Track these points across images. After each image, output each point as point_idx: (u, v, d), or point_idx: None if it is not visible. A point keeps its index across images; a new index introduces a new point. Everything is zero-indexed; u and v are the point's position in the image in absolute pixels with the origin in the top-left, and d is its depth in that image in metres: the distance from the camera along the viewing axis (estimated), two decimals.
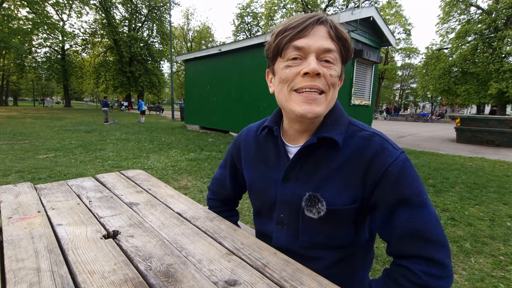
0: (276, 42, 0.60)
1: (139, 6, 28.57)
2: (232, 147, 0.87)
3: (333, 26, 0.59)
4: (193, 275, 0.56)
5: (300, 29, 0.57)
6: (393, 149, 0.61)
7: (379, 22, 7.00)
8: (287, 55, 0.60)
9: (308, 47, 0.58)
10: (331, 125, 0.65)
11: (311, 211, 0.65)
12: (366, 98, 7.73)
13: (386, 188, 0.59)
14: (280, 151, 0.71)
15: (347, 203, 0.63)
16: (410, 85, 46.08)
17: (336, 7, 27.51)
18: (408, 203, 0.58)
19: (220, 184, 0.94)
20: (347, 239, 0.68)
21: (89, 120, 14.13)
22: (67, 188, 1.07)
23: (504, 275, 1.84)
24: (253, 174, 0.78)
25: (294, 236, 0.70)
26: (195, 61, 10.28)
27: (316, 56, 0.58)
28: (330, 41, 0.59)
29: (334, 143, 0.64)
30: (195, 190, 3.41)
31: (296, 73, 0.59)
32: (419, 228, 0.57)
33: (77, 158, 5.06)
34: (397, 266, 0.61)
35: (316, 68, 0.56)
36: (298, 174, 0.67)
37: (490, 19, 18.27)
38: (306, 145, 0.64)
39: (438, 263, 0.56)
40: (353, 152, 0.63)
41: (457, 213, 2.87)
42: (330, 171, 0.64)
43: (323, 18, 0.59)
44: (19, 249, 0.63)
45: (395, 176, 0.58)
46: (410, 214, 0.57)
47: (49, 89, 51.74)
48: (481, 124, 8.43)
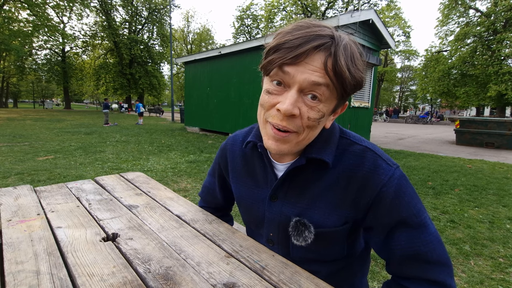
0: (267, 60, 0.51)
1: (139, 8, 28.69)
2: (219, 156, 0.81)
3: (334, 56, 0.47)
4: (191, 277, 0.56)
5: (294, 55, 0.47)
6: (387, 166, 0.56)
7: (379, 24, 7.04)
8: (272, 75, 0.51)
9: (293, 76, 0.48)
10: (320, 143, 0.59)
11: (297, 240, 0.62)
12: (365, 100, 7.75)
13: (381, 211, 0.55)
14: (267, 168, 0.67)
15: (337, 225, 0.59)
16: (410, 87, 46.18)
17: (336, 10, 27.63)
18: (406, 224, 0.54)
19: (210, 193, 0.91)
20: (340, 253, 0.66)
21: (89, 122, 14.14)
22: (67, 191, 1.08)
23: (503, 277, 1.84)
24: (240, 189, 0.75)
25: (286, 253, 0.69)
26: (195, 63, 10.31)
27: (299, 89, 0.49)
28: (323, 75, 0.48)
29: (323, 163, 0.59)
30: (194, 192, 3.41)
31: (273, 104, 0.52)
32: (420, 251, 0.53)
33: (77, 160, 5.06)
34: (399, 285, 0.58)
35: (289, 110, 0.48)
36: (286, 194, 0.64)
37: (489, 21, 18.35)
38: (294, 167, 0.60)
39: (441, 284, 0.54)
40: (343, 170, 0.58)
41: (456, 215, 2.87)
42: (319, 190, 0.60)
43: (325, 46, 0.48)
44: (18, 251, 0.63)
45: (391, 197, 0.54)
46: (409, 236, 0.54)
47: (49, 91, 51.82)
48: (481, 126, 8.44)
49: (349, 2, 26.21)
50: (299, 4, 27.21)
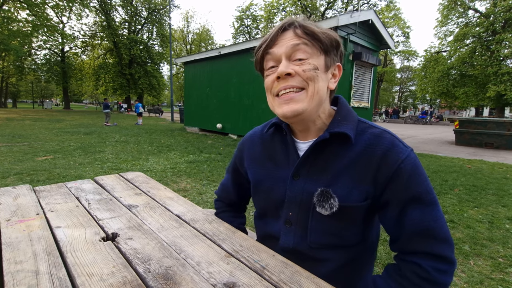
0: (256, 57, 0.66)
1: (139, 8, 28.67)
2: (237, 150, 0.87)
3: (298, 26, 0.61)
4: (191, 277, 0.56)
5: (270, 39, 0.62)
6: (403, 147, 0.62)
7: (378, 25, 7.04)
8: (266, 65, 0.65)
9: (277, 52, 0.61)
10: (342, 121, 0.66)
11: (323, 207, 0.63)
12: (365, 101, 7.76)
13: (398, 186, 0.60)
14: (289, 148, 0.71)
15: (359, 200, 0.62)
16: (409, 88, 46.24)
17: (335, 10, 27.66)
18: (420, 201, 0.59)
19: (224, 189, 0.94)
20: (354, 238, 0.68)
21: (88, 122, 14.12)
22: (66, 190, 1.07)
23: (503, 277, 1.84)
24: (259, 173, 0.76)
25: (302, 236, 0.69)
26: (194, 63, 10.31)
27: (287, 58, 0.61)
28: (296, 38, 0.61)
29: (346, 138, 0.64)
30: (194, 192, 3.41)
31: (273, 79, 0.63)
32: (430, 226, 0.58)
33: (76, 160, 5.05)
34: (406, 262, 0.61)
35: (283, 70, 0.60)
36: (309, 171, 0.66)
37: (488, 22, 18.38)
38: (318, 141, 0.64)
39: (447, 260, 0.58)
40: (364, 148, 0.63)
41: (456, 216, 2.87)
42: (342, 167, 0.63)
43: (288, 23, 0.62)
44: (17, 251, 0.63)
45: (408, 173, 0.59)
46: (422, 212, 0.59)
47: (48, 91, 51.77)
48: (480, 126, 8.45)
49: (349, 3, 26.24)
50: (299, 5, 27.23)
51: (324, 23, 6.23)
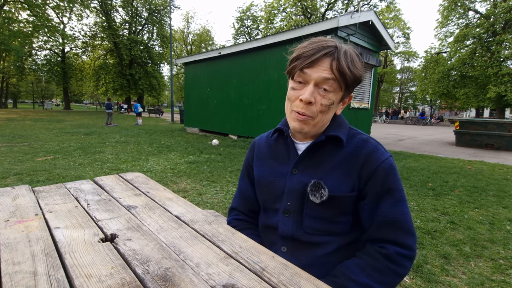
0: (291, 66, 0.72)
1: (139, 9, 28.71)
2: (248, 152, 0.96)
3: (337, 59, 0.68)
4: (190, 279, 0.55)
5: (310, 60, 0.68)
6: (384, 151, 0.74)
7: (378, 26, 7.04)
8: (296, 77, 0.72)
9: (310, 75, 0.69)
10: (336, 126, 0.78)
11: (314, 195, 0.73)
12: (365, 102, 7.75)
13: (376, 181, 0.71)
14: (290, 148, 0.82)
15: (347, 191, 0.73)
16: (409, 89, 46.22)
17: (336, 11, 27.68)
18: (392, 196, 0.71)
19: (243, 196, 0.95)
20: (346, 227, 0.76)
21: (88, 122, 14.13)
22: (65, 191, 1.07)
23: (504, 279, 1.83)
24: (263, 169, 0.87)
25: (299, 223, 0.77)
26: (195, 64, 10.32)
27: (315, 84, 0.69)
28: (330, 72, 0.68)
29: (339, 140, 0.75)
30: (194, 193, 3.41)
31: (297, 96, 0.71)
32: (397, 219, 0.69)
33: (76, 160, 5.05)
34: (372, 245, 0.72)
35: (308, 98, 0.68)
36: (306, 166, 0.77)
37: (489, 23, 18.39)
38: (316, 142, 0.76)
39: (409, 248, 0.69)
40: (353, 149, 0.75)
41: (456, 217, 2.86)
42: (333, 164, 0.75)
43: (331, 52, 0.68)
44: (15, 252, 0.62)
45: (385, 172, 0.71)
46: (391, 206, 0.70)
47: (48, 92, 51.80)
48: (480, 127, 8.45)
49: (349, 3, 26.26)
50: (299, 6, 27.25)
51: (324, 24, 6.23)
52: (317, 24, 6.40)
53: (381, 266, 0.68)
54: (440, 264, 1.99)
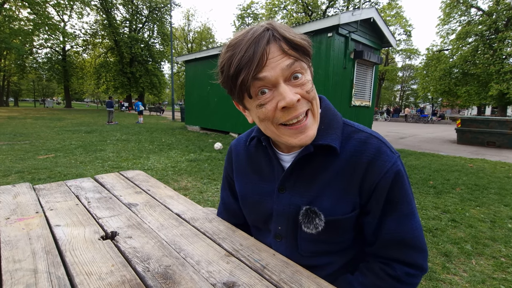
0: (238, 84, 0.52)
1: (139, 7, 28.64)
2: (226, 161, 0.82)
3: (280, 38, 0.51)
4: (191, 276, 0.55)
5: (256, 62, 0.50)
6: (390, 153, 0.59)
7: (380, 23, 7.01)
8: (255, 91, 0.53)
9: (271, 76, 0.51)
10: (325, 129, 0.61)
11: (308, 227, 0.62)
12: (366, 99, 7.73)
13: (381, 195, 0.58)
14: (272, 161, 0.67)
15: (346, 212, 0.60)
16: (411, 86, 46.08)
17: (337, 8, 27.55)
18: (399, 211, 0.59)
19: (227, 209, 0.85)
20: (347, 243, 0.67)
21: (89, 120, 14.14)
22: (66, 189, 1.07)
23: (505, 277, 1.83)
24: (245, 186, 0.74)
25: (293, 247, 0.67)
26: (195, 62, 10.30)
27: (284, 79, 0.52)
28: (286, 56, 0.51)
29: (331, 149, 0.60)
30: (195, 191, 3.41)
31: (273, 108, 0.53)
32: (406, 237, 0.59)
33: (77, 158, 5.06)
34: (377, 260, 0.63)
35: (293, 100, 0.51)
36: (295, 184, 0.64)
37: (491, 20, 18.26)
38: (302, 155, 0.61)
39: (418, 267, 0.61)
40: (350, 156, 0.60)
41: (457, 215, 2.86)
42: (327, 178, 0.61)
43: (269, 35, 0.51)
44: (16, 250, 0.62)
45: (392, 182, 0.57)
46: (398, 222, 0.59)
47: (49, 90, 51.83)
48: (482, 125, 8.41)
49: (350, 1, 26.13)
50: (300, 3, 27.14)
51: (325, 21, 6.20)
52: (318, 22, 6.36)
53: (387, 286, 0.60)
54: (441, 262, 1.99)
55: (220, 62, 0.55)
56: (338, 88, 6.62)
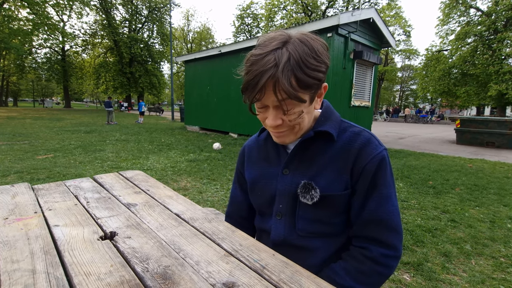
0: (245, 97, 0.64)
1: (139, 7, 28.63)
2: (239, 156, 0.94)
3: (277, 82, 0.58)
4: (190, 277, 0.55)
5: (255, 93, 0.60)
6: (378, 144, 0.70)
7: (379, 23, 7.01)
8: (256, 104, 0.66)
9: (265, 101, 0.63)
10: (324, 121, 0.73)
11: (305, 197, 0.71)
12: (366, 100, 7.74)
13: (366, 177, 0.68)
14: (279, 147, 0.78)
15: (340, 189, 0.69)
16: (410, 87, 46.13)
17: (336, 9, 27.57)
18: (379, 192, 0.67)
19: (233, 202, 0.95)
20: (340, 227, 0.73)
21: (89, 121, 14.13)
22: (65, 189, 1.07)
23: (505, 277, 1.83)
24: (254, 172, 0.83)
25: (291, 226, 0.75)
26: (195, 62, 10.30)
27: (274, 108, 0.63)
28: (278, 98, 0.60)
29: (329, 136, 0.71)
30: (194, 191, 3.41)
31: (264, 119, 0.68)
32: (383, 217, 0.67)
33: (77, 158, 5.05)
34: (356, 246, 0.71)
35: (273, 124, 0.65)
36: (297, 166, 0.73)
37: (490, 21, 18.30)
38: (304, 139, 0.71)
39: (393, 247, 0.67)
40: (344, 144, 0.70)
41: (457, 215, 2.86)
42: (325, 161, 0.71)
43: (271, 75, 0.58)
44: (14, 250, 0.62)
45: (375, 167, 0.67)
46: (378, 203, 0.67)
47: (49, 90, 51.77)
48: (481, 125, 8.43)
49: (350, 1, 26.15)
50: (300, 3, 27.16)
51: (325, 21, 6.21)
52: (318, 22, 6.37)
53: (366, 268, 0.67)
54: (440, 262, 1.99)
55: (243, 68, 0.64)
56: (337, 88, 6.62)
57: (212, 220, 0.84)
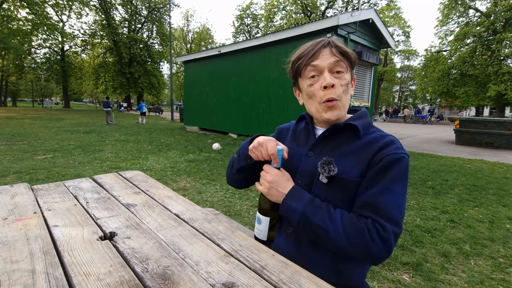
0: (295, 66, 0.80)
1: (139, 7, 28.62)
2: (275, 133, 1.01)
3: (334, 45, 0.77)
4: (190, 277, 0.55)
5: (312, 53, 0.76)
6: (401, 147, 0.75)
7: (378, 24, 7.02)
8: (306, 74, 0.78)
9: (320, 65, 0.75)
10: (355, 119, 0.80)
11: (323, 168, 0.74)
12: (365, 100, 7.74)
13: (379, 166, 0.71)
14: (310, 132, 0.86)
15: (355, 176, 0.73)
16: (409, 87, 46.18)
17: (336, 9, 27.59)
18: (385, 184, 0.69)
19: None
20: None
21: (88, 121, 14.11)
22: (64, 189, 1.06)
23: (503, 277, 1.84)
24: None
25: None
26: (194, 62, 10.29)
27: (328, 70, 0.75)
28: (335, 57, 0.76)
29: (356, 130, 0.77)
30: (193, 191, 3.40)
31: (318, 88, 0.76)
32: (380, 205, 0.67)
33: (76, 159, 5.04)
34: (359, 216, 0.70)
35: (331, 81, 0.74)
36: (322, 150, 0.80)
37: (489, 21, 18.35)
38: (333, 126, 0.79)
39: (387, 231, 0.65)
40: (369, 142, 0.76)
41: (456, 215, 2.86)
42: (347, 151, 0.77)
43: (326, 42, 0.77)
44: (14, 250, 0.62)
45: (390, 162, 0.70)
46: (379, 192, 0.69)
47: (48, 90, 51.71)
48: (480, 126, 8.45)
49: (349, 2, 26.18)
50: (299, 4, 27.17)
51: (324, 22, 6.21)
52: (317, 22, 6.38)
53: (359, 225, 0.67)
54: (440, 262, 1.99)
55: (291, 56, 0.82)
56: None
57: (212, 220, 0.84)
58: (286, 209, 0.73)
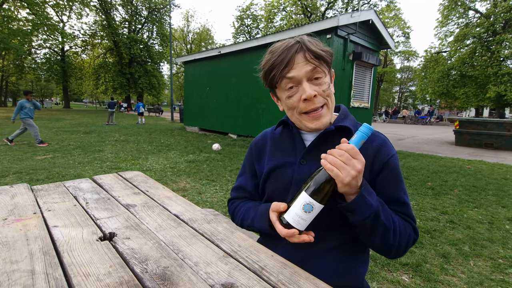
0: (269, 78, 0.75)
1: (139, 8, 28.63)
2: (247, 155, 0.95)
3: (307, 49, 0.70)
4: (189, 278, 0.55)
5: (285, 63, 0.70)
6: (391, 146, 0.78)
7: (378, 25, 7.03)
8: (283, 85, 0.73)
9: (297, 75, 0.70)
10: (343, 118, 0.79)
11: None
12: (365, 101, 7.75)
13: (387, 172, 0.74)
14: (296, 139, 0.82)
15: None
16: (409, 88, 46.21)
17: (336, 10, 27.62)
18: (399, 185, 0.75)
19: (240, 188, 0.93)
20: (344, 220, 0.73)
21: (88, 121, 14.11)
22: (64, 190, 1.07)
23: (503, 278, 1.84)
24: (270, 162, 0.85)
25: None
26: (194, 63, 10.30)
27: (307, 79, 0.71)
28: (311, 64, 0.70)
29: (348, 131, 0.76)
30: (193, 192, 3.40)
31: (298, 100, 0.72)
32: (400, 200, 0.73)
33: (76, 159, 5.04)
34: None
35: (311, 94, 0.70)
36: (315, 157, 0.76)
37: (489, 22, 18.38)
38: (325, 132, 0.76)
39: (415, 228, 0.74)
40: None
41: (456, 216, 2.86)
42: None
43: (298, 47, 0.71)
44: (13, 251, 0.62)
45: (394, 165, 0.75)
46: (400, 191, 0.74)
47: (48, 90, 51.75)
48: (480, 127, 8.45)
49: (349, 3, 26.21)
50: (299, 4, 27.20)
51: (324, 23, 6.22)
52: (317, 23, 6.38)
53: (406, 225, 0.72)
54: (439, 263, 1.99)
55: (262, 61, 0.78)
56: (336, 90, 6.62)
57: (211, 221, 0.84)
58: (362, 202, 0.64)
